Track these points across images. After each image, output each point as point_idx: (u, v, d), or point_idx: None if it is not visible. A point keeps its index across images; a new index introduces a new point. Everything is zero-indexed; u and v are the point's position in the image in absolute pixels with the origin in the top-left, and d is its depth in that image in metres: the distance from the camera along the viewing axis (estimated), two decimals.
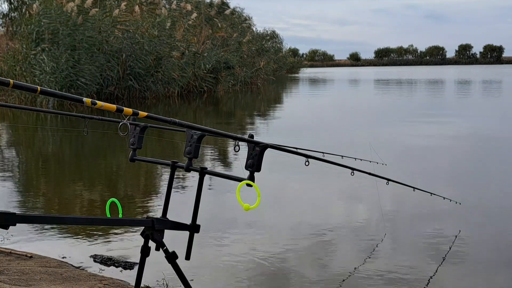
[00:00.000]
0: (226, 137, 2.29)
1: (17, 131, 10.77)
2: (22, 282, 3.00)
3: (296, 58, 64.77)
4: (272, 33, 39.66)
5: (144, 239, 2.12)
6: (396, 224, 4.51)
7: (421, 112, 14.50)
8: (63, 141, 9.61)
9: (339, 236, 4.22)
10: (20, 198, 5.55)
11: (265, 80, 31.38)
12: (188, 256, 2.27)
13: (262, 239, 4.08)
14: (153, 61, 18.82)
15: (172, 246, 2.15)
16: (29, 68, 16.49)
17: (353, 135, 10.00)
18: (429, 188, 4.75)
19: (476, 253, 3.81)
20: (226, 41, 26.23)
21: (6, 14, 23.18)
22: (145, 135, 2.47)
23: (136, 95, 18.30)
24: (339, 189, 5.79)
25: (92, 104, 1.64)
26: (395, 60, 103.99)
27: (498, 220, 4.59)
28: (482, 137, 9.53)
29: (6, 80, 1.46)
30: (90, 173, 6.96)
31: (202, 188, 2.31)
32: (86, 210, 5.00)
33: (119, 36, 17.96)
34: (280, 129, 11.54)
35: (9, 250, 3.61)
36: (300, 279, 3.35)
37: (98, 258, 3.65)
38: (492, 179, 6.10)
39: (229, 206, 4.97)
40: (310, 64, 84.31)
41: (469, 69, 64.79)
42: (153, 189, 5.96)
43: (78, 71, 16.08)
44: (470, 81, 33.27)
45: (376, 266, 3.55)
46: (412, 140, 9.07)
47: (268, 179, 5.82)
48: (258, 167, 2.22)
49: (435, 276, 3.36)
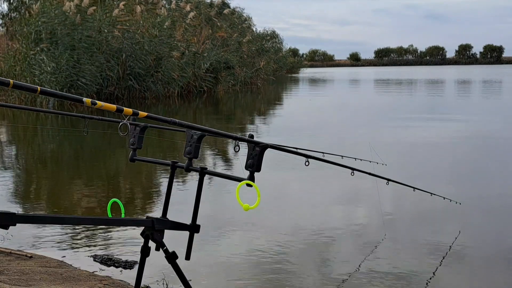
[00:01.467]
0: (226, 137, 2.30)
1: (17, 131, 10.77)
2: (22, 282, 3.00)
3: (296, 58, 64.73)
4: (272, 33, 39.67)
5: (144, 239, 2.12)
6: (396, 224, 4.50)
7: (420, 112, 14.50)
8: (63, 141, 9.61)
9: (339, 236, 4.22)
10: (20, 198, 5.55)
11: (265, 80, 31.38)
12: (188, 256, 2.27)
13: (262, 239, 4.08)
14: (153, 61, 18.82)
15: (172, 246, 2.15)
16: (28, 68, 16.50)
17: (353, 135, 10.00)
18: (430, 188, 4.75)
19: (476, 253, 3.81)
20: (226, 41, 26.23)
21: (6, 14, 23.20)
22: (145, 135, 2.47)
23: (136, 95, 18.30)
24: (339, 189, 5.79)
25: (92, 104, 1.64)
26: (395, 60, 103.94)
27: (499, 220, 4.59)
28: (482, 137, 9.53)
29: (6, 80, 1.46)
30: (90, 173, 6.95)
31: (202, 188, 2.31)
32: (86, 210, 5.00)
33: (119, 36, 17.97)
34: (280, 129, 11.53)
35: (9, 250, 3.60)
36: (300, 279, 3.35)
37: (98, 258, 3.64)
38: (492, 179, 6.10)
39: (229, 206, 4.97)
40: (310, 64, 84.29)
41: (469, 69, 64.77)
42: (153, 189, 5.96)
43: (78, 71, 16.08)
44: (470, 81, 33.26)
45: (376, 266, 3.55)
46: (412, 141, 9.07)
47: (268, 179, 5.82)
48: (258, 167, 2.22)
49: (435, 277, 3.36)
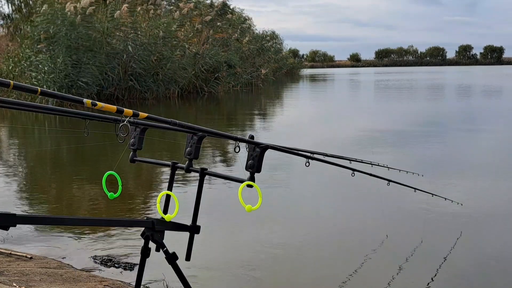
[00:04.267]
0: (226, 138, 2.29)
1: (16, 131, 10.77)
2: (22, 283, 2.99)
3: (297, 59, 64.70)
4: (272, 33, 39.70)
5: (144, 240, 2.12)
6: (397, 225, 4.50)
7: (420, 111, 14.51)
8: (64, 142, 9.61)
9: (339, 237, 4.21)
10: (20, 199, 5.54)
11: (265, 80, 31.39)
12: (188, 257, 2.27)
13: (262, 239, 4.07)
14: (154, 61, 18.83)
15: (172, 247, 2.15)
16: (26, 68, 16.51)
17: (353, 135, 9.99)
18: (430, 189, 4.75)
19: (476, 253, 3.81)
20: (226, 42, 26.24)
21: (6, 15, 23.23)
22: (145, 136, 2.47)
23: (137, 96, 18.30)
24: (339, 189, 5.79)
25: (92, 105, 1.64)
26: (395, 60, 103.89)
27: (500, 221, 4.58)
28: (483, 136, 9.52)
29: (6, 81, 1.46)
30: (90, 174, 6.95)
31: (202, 189, 2.30)
32: (86, 211, 5.00)
33: (120, 36, 17.98)
34: (280, 129, 11.53)
35: (9, 251, 3.60)
36: (300, 280, 3.34)
37: (98, 259, 3.64)
38: (493, 180, 6.09)
39: (229, 207, 4.96)
40: (311, 65, 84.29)
41: (469, 69, 64.76)
42: (154, 190, 5.96)
43: (78, 71, 16.08)
44: (471, 79, 33.28)
45: (376, 266, 3.54)
46: (412, 140, 9.07)
47: (268, 179, 5.82)
48: (258, 168, 2.22)
49: (435, 277, 3.36)
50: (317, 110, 16.59)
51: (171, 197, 2.27)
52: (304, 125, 12.28)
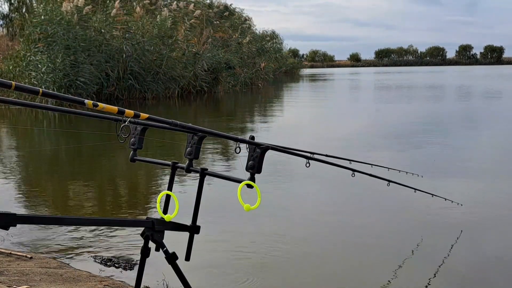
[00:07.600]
0: (227, 138, 2.29)
1: (16, 130, 10.77)
2: (22, 283, 3.00)
3: (297, 59, 64.66)
4: (272, 33, 39.67)
5: (144, 239, 2.12)
6: (397, 225, 4.50)
7: (420, 111, 14.51)
8: (63, 141, 9.60)
9: (339, 237, 4.22)
10: (20, 199, 5.54)
11: (265, 80, 31.38)
12: (188, 257, 2.27)
13: (262, 240, 4.08)
14: (154, 61, 18.82)
15: (172, 247, 2.15)
16: (25, 68, 16.51)
17: (353, 135, 10.00)
18: (430, 189, 4.75)
19: (476, 253, 3.81)
20: (227, 42, 26.23)
21: (6, 15, 23.22)
22: (145, 136, 2.47)
23: (136, 96, 18.29)
24: (339, 190, 5.79)
25: (93, 106, 1.64)
26: (395, 60, 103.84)
27: (500, 221, 4.58)
28: (483, 136, 9.53)
29: (8, 82, 1.46)
30: (90, 173, 6.95)
31: (202, 189, 2.30)
32: (86, 211, 5.00)
33: (119, 35, 17.97)
34: (280, 129, 11.53)
35: (9, 251, 3.60)
36: (300, 280, 3.35)
37: (98, 258, 3.64)
38: (494, 180, 6.10)
39: (229, 207, 4.96)
40: (311, 65, 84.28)
41: (469, 69, 64.75)
42: (154, 189, 5.96)
43: (77, 71, 16.08)
44: (470, 78, 33.28)
45: (376, 266, 3.55)
46: (412, 141, 9.07)
47: (268, 180, 5.82)
48: (259, 168, 2.22)
49: (435, 277, 3.36)
50: (317, 110, 16.59)
51: (171, 197, 2.28)
52: (304, 125, 12.29)
